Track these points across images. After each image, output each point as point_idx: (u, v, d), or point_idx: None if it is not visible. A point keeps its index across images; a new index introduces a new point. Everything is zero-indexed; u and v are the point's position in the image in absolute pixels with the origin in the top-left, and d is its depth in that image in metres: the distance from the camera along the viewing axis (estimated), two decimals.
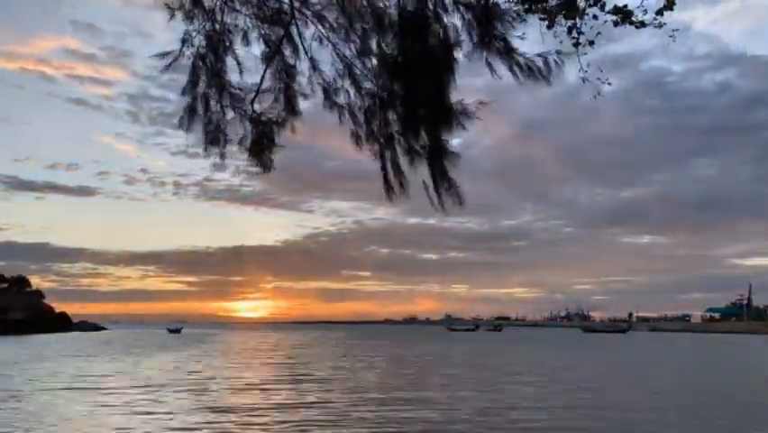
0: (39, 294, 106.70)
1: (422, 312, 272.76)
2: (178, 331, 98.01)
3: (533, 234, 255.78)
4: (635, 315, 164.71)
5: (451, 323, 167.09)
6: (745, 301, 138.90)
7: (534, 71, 4.70)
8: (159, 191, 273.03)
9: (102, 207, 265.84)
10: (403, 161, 5.23)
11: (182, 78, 5.30)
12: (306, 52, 5.31)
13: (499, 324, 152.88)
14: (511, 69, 4.73)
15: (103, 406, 15.45)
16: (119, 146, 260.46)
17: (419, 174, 5.17)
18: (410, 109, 5.02)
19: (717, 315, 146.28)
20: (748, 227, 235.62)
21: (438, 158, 5.07)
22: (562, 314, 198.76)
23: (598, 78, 4.32)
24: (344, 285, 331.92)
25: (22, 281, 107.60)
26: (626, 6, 4.04)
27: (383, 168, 5.29)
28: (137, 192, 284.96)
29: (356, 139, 5.35)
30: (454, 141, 5.10)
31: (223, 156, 5.51)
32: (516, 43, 4.67)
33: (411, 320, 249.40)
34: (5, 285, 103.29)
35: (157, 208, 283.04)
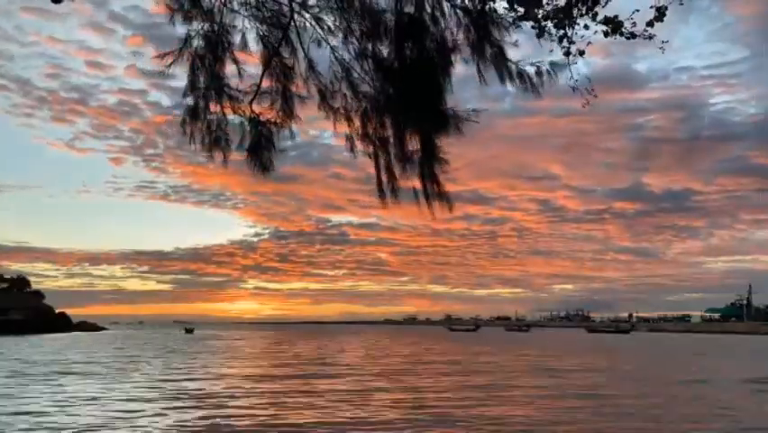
0: (39, 294, 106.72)
1: (409, 312, 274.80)
2: (191, 331, 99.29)
3: (479, 233, 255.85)
4: (634, 315, 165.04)
5: (451, 323, 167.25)
6: (745, 302, 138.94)
7: (525, 80, 4.74)
8: (67, 186, 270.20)
9: (10, 203, 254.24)
10: (396, 166, 5.26)
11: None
12: (304, 54, 5.33)
13: (527, 324, 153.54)
14: (501, 77, 4.76)
15: None
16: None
17: (409, 179, 5.21)
18: (405, 113, 5.05)
19: (716, 315, 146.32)
20: (683, 225, 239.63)
21: (429, 163, 5.10)
22: (562, 314, 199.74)
23: (586, 89, 4.36)
24: (322, 285, 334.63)
25: (22, 282, 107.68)
26: (616, 17, 4.07)
27: (377, 171, 5.31)
28: (40, 186, 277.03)
29: (350, 143, 5.37)
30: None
31: (226, 157, 5.52)
32: (509, 51, 4.71)
33: (411, 320, 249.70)
34: (5, 285, 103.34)
35: (71, 205, 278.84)
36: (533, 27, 4.25)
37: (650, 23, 4.00)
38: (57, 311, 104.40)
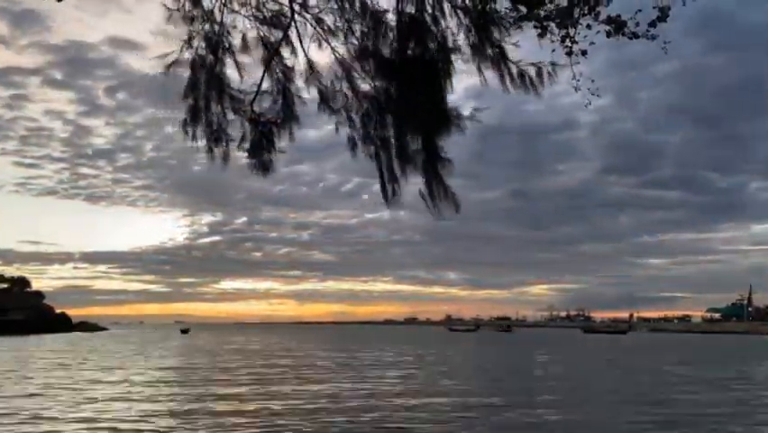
0: (39, 295, 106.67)
1: (394, 313, 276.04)
2: (186, 331, 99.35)
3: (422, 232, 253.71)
4: (635, 316, 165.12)
5: (452, 324, 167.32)
6: (745, 301, 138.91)
7: (526, 80, 4.74)
8: None
9: None
10: (397, 166, 5.24)
11: None
12: (305, 55, 5.33)
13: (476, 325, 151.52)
14: (501, 77, 4.76)
15: None
16: None
17: (409, 179, 5.21)
18: (406, 113, 5.04)
19: (717, 315, 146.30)
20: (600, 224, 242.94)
21: (433, 164, 5.08)
22: (563, 314, 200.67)
23: (588, 89, 4.36)
24: (298, 286, 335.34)
25: (22, 282, 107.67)
26: (619, 17, 4.06)
27: (380, 172, 5.30)
28: None
29: (351, 143, 5.37)
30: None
31: (226, 157, 5.52)
32: (510, 51, 4.71)
33: (411, 321, 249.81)
34: (6, 285, 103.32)
35: None
36: (535, 27, 4.24)
37: (652, 24, 3.99)
38: (57, 311, 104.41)
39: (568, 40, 4.20)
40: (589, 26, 4.13)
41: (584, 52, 4.23)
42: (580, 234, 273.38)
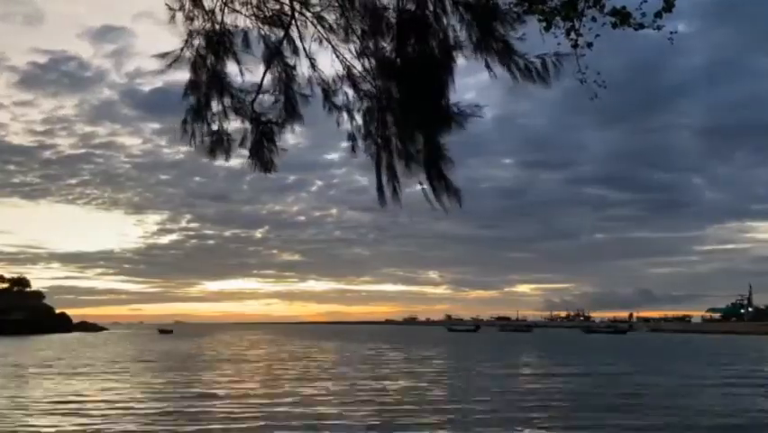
0: (39, 295, 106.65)
1: (387, 313, 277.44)
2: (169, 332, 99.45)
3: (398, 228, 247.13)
4: (635, 315, 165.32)
5: (451, 323, 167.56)
6: (745, 302, 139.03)
7: (533, 73, 4.72)
8: None
9: None
10: (398, 165, 5.21)
11: None
12: (306, 53, 5.31)
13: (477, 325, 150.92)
14: (510, 70, 4.74)
15: None
16: None
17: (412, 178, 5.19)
18: (408, 111, 5.03)
19: (717, 315, 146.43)
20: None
21: (435, 161, 5.06)
22: (562, 314, 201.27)
23: (595, 81, 4.33)
24: (281, 286, 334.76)
25: (22, 282, 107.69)
26: (624, 8, 4.06)
27: (378, 172, 5.27)
28: None
29: (352, 142, 5.34)
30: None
31: (227, 157, 5.52)
32: (515, 45, 4.68)
33: (411, 321, 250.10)
34: (5, 285, 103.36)
35: None
36: (539, 20, 4.23)
37: (658, 14, 3.98)
38: (57, 311, 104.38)
39: (573, 32, 4.19)
40: (594, 18, 4.12)
41: (590, 45, 4.22)
42: (537, 232, 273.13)
